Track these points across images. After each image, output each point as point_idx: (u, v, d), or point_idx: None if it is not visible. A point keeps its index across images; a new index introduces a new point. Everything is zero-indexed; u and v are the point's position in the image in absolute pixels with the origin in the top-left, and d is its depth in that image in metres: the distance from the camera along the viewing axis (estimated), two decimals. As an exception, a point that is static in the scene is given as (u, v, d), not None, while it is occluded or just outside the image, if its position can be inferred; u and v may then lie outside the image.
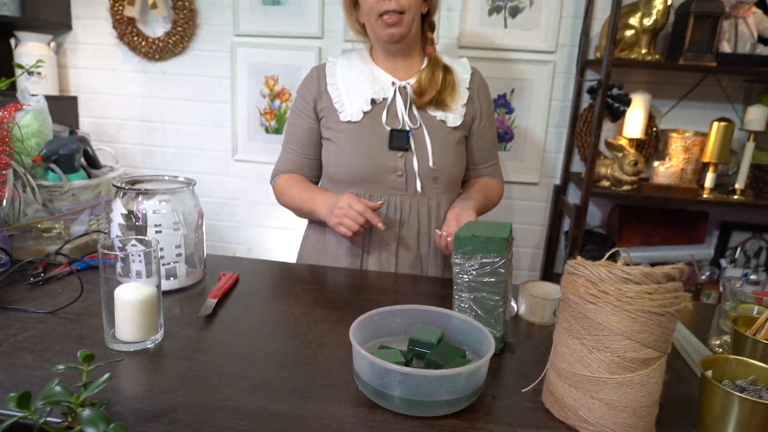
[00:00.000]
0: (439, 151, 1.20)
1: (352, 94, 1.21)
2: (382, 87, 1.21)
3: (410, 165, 1.19)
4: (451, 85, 1.22)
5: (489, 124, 1.30)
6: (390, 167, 1.19)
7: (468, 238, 0.80)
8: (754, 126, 1.81)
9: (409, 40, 1.20)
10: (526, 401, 0.71)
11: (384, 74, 1.23)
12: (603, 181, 1.90)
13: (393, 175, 1.19)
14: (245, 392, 0.68)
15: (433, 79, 1.20)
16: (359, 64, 1.25)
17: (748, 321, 0.80)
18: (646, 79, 2.01)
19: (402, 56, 1.23)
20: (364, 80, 1.22)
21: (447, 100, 1.21)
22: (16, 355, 0.73)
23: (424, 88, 1.19)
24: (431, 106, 1.21)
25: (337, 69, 1.26)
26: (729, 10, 1.80)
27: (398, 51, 1.22)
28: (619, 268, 0.62)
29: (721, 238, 2.10)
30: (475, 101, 1.26)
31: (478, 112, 1.27)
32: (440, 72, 1.21)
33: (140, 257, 0.82)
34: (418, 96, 1.20)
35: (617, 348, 0.61)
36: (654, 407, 0.64)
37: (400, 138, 1.18)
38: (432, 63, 1.23)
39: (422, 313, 0.81)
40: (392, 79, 1.22)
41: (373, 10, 1.14)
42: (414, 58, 1.25)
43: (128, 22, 2.11)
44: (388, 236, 1.21)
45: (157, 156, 2.29)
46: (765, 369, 0.66)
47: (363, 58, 1.27)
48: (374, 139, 1.19)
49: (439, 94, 1.20)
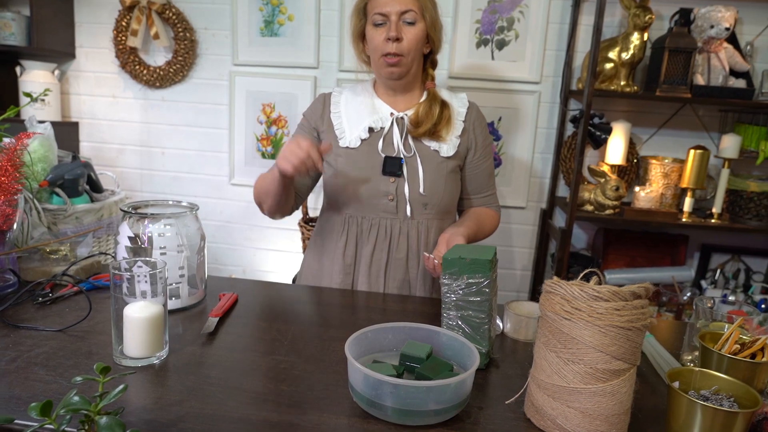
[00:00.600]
0: (430, 179, 1.26)
1: (353, 123, 1.29)
2: (381, 117, 1.29)
3: (401, 190, 1.26)
4: (447, 118, 1.29)
5: (485, 156, 1.36)
6: (382, 191, 1.25)
7: (455, 260, 0.86)
8: (729, 153, 1.90)
9: (409, 78, 1.28)
10: (510, 412, 0.76)
11: (384, 105, 1.30)
12: (587, 205, 1.98)
13: (385, 199, 1.26)
14: (248, 404, 0.73)
15: (430, 112, 1.27)
16: (362, 96, 1.33)
17: (715, 337, 0.86)
18: (627, 108, 2.11)
19: (402, 91, 1.31)
20: (364, 110, 1.30)
21: (441, 132, 1.27)
22: (30, 369, 0.78)
23: (421, 119, 1.26)
24: (426, 137, 1.28)
25: (342, 98, 1.33)
26: (702, 46, 1.91)
27: (398, 86, 1.30)
28: (590, 287, 0.68)
29: (702, 260, 2.18)
30: (470, 133, 1.33)
31: (473, 144, 1.33)
32: (437, 106, 1.28)
33: (146, 278, 0.87)
34: (414, 127, 1.27)
35: (590, 360, 0.67)
36: (626, 415, 0.70)
37: (393, 164, 1.25)
38: (430, 97, 1.30)
39: (412, 330, 0.86)
40: (391, 110, 1.29)
41: (377, 49, 1.23)
42: (414, 92, 1.32)
43: (130, 51, 2.19)
44: (379, 257, 1.27)
45: (155, 180, 2.35)
46: (726, 380, 0.72)
47: (366, 90, 1.34)
48: (369, 164, 1.26)
49: (434, 126, 1.26)
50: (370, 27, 1.25)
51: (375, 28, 1.24)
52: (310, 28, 2.13)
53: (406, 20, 1.22)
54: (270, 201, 1.25)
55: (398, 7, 1.20)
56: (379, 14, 1.22)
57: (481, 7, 2.07)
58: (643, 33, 1.88)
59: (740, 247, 2.17)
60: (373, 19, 1.23)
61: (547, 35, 2.07)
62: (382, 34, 1.22)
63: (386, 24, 1.22)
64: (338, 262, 1.29)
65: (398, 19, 1.21)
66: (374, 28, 1.24)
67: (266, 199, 1.25)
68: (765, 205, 1.90)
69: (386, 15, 1.21)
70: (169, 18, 2.14)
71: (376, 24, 1.23)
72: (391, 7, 1.20)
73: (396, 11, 1.20)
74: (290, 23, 2.14)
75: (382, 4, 1.21)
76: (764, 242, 2.18)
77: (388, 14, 1.21)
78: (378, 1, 1.22)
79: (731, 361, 0.78)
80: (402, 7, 1.20)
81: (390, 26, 1.21)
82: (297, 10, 2.12)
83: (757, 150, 1.92)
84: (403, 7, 1.21)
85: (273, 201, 1.24)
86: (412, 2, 1.21)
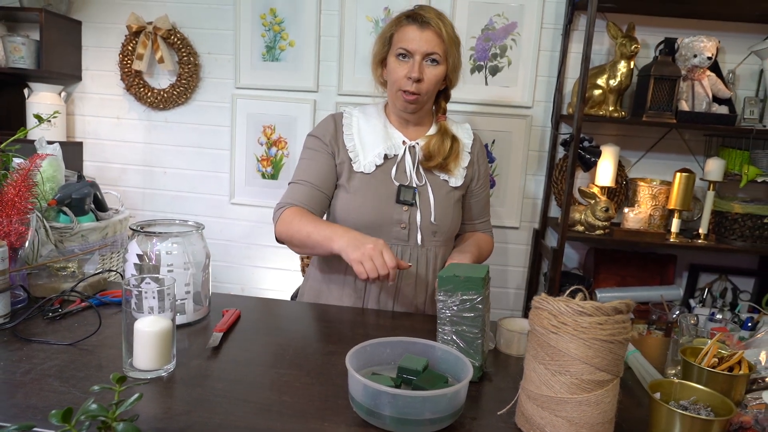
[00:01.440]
0: (440, 208, 1.29)
1: (367, 147, 1.30)
2: (394, 144, 1.31)
3: (414, 219, 1.28)
4: (456, 153, 1.33)
5: (484, 185, 1.42)
6: (395, 219, 1.28)
7: (450, 278, 0.91)
8: (713, 176, 1.97)
9: (423, 112, 1.32)
10: (501, 422, 0.80)
11: (396, 132, 1.33)
12: (578, 225, 2.04)
13: (397, 227, 1.28)
14: (253, 414, 0.77)
15: (442, 146, 1.30)
16: (374, 119, 1.34)
17: (695, 351, 0.91)
18: (615, 132, 2.19)
19: (414, 121, 1.34)
20: (377, 135, 1.32)
21: (450, 166, 1.32)
22: (44, 381, 0.81)
23: (433, 153, 1.30)
24: (436, 169, 1.32)
25: (353, 121, 1.34)
26: (686, 73, 1.99)
27: (411, 117, 1.33)
28: (575, 303, 0.73)
29: (690, 280, 2.23)
30: (475, 164, 1.39)
31: (477, 174, 1.39)
32: (448, 141, 1.32)
33: (154, 294, 0.91)
34: (426, 159, 1.30)
35: (575, 371, 0.72)
36: (610, 424, 0.74)
37: (407, 193, 1.28)
38: (441, 131, 1.33)
39: (410, 344, 0.91)
40: (403, 138, 1.32)
41: (397, 83, 1.26)
42: (424, 122, 1.36)
43: (135, 74, 2.26)
44: (389, 284, 1.28)
45: (157, 199, 2.39)
46: (704, 391, 0.77)
47: (378, 114, 1.36)
48: (383, 191, 1.28)
49: (444, 160, 1.30)
50: (392, 57, 1.26)
51: (398, 61, 1.25)
52: (311, 53, 2.20)
53: (430, 60, 1.24)
54: (302, 249, 1.25)
55: (425, 47, 1.22)
56: (404, 49, 1.23)
57: (475, 35, 2.15)
58: (630, 61, 1.96)
59: (727, 266, 2.23)
60: (398, 51, 1.25)
61: (539, 62, 2.16)
62: (404, 69, 1.24)
63: (409, 59, 1.23)
64: (349, 287, 1.31)
65: (422, 59, 1.23)
66: (397, 60, 1.25)
67: (297, 242, 1.23)
68: (749, 226, 1.97)
69: (411, 52, 1.23)
70: (174, 43, 2.21)
71: (400, 56, 1.25)
72: (418, 46, 1.22)
73: (422, 51, 1.22)
74: (291, 48, 2.22)
75: (409, 40, 1.23)
76: (750, 262, 2.24)
77: (414, 52, 1.23)
78: (406, 36, 1.24)
79: (710, 374, 0.83)
80: (428, 49, 1.22)
81: (413, 65, 1.22)
82: (298, 36, 2.20)
83: (740, 173, 1.99)
84: (429, 48, 1.22)
85: (305, 251, 1.26)
86: (438, 45, 1.23)
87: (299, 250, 1.28)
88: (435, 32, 1.23)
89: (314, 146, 1.33)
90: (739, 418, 0.78)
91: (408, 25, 1.25)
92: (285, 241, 1.28)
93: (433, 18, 1.23)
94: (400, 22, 1.27)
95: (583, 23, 2.08)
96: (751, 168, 1.98)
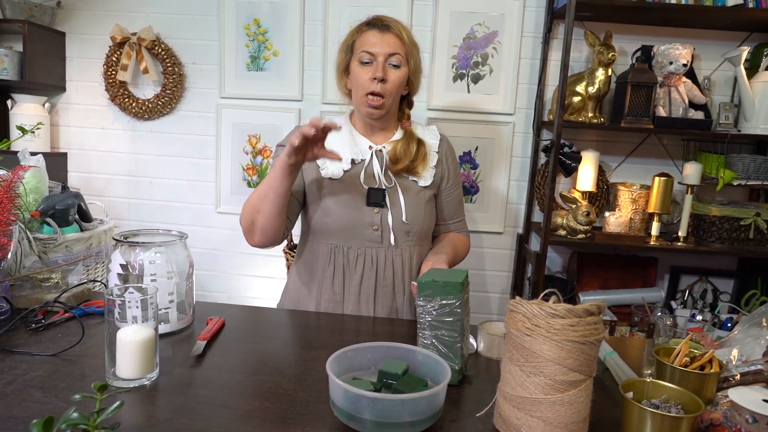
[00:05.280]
0: (411, 208, 1.32)
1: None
2: (360, 149, 1.34)
3: (385, 220, 1.31)
4: (423, 156, 1.36)
5: (455, 185, 1.45)
6: (367, 222, 1.31)
7: (429, 283, 0.93)
8: (691, 180, 2.02)
9: (387, 117, 1.35)
10: (480, 424, 0.82)
11: (362, 138, 1.36)
12: (560, 230, 2.07)
13: (369, 229, 1.31)
14: (235, 420, 0.78)
15: (408, 150, 1.34)
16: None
17: (669, 351, 0.94)
18: (595, 138, 2.23)
19: (379, 126, 1.37)
20: (343, 142, 1.35)
21: (418, 169, 1.35)
22: (26, 392, 0.82)
23: (399, 156, 1.33)
24: (403, 172, 1.34)
25: None
26: (662, 80, 2.04)
27: (376, 122, 1.36)
28: (548, 305, 0.75)
29: (671, 282, 2.27)
30: (443, 163, 1.41)
31: (446, 173, 1.42)
32: (414, 144, 1.35)
33: (137, 303, 0.92)
34: (393, 163, 1.33)
35: (549, 372, 0.74)
36: (584, 423, 0.76)
37: (377, 196, 1.31)
38: (407, 136, 1.37)
39: (390, 349, 0.92)
40: (369, 143, 1.36)
41: (362, 87, 1.29)
42: (390, 128, 1.39)
43: (120, 85, 2.26)
44: (367, 285, 1.31)
45: (143, 209, 2.39)
46: (675, 389, 0.79)
47: (344, 121, 1.39)
48: (353, 195, 1.31)
49: (411, 163, 1.33)
50: (355, 64, 1.30)
51: (361, 66, 1.29)
52: (295, 62, 2.22)
53: (392, 63, 1.28)
54: (266, 211, 1.20)
55: (387, 49, 1.27)
56: (367, 53, 1.27)
57: (457, 44, 2.19)
58: (608, 69, 2.01)
59: (707, 268, 2.27)
60: (360, 56, 1.28)
61: (520, 70, 2.20)
62: (368, 73, 1.27)
63: (372, 63, 1.27)
64: (327, 291, 1.33)
65: (385, 61, 1.27)
66: (360, 66, 1.29)
67: (261, 209, 1.21)
68: (726, 228, 2.01)
69: (374, 55, 1.27)
70: (159, 53, 2.22)
71: (363, 62, 1.28)
72: (380, 48, 1.27)
73: (384, 53, 1.27)
74: (275, 58, 2.24)
75: (371, 44, 1.27)
76: (729, 263, 2.29)
77: (376, 54, 1.27)
78: (367, 41, 1.28)
79: (682, 373, 0.86)
80: (390, 50, 1.27)
81: (377, 66, 1.26)
82: (282, 46, 2.22)
83: (717, 176, 2.04)
84: (390, 49, 1.27)
85: (268, 211, 1.20)
86: (399, 47, 1.28)
87: (268, 213, 1.21)
88: (395, 35, 1.29)
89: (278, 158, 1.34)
90: (709, 416, 0.80)
91: (369, 30, 1.30)
92: (254, 224, 1.24)
93: (393, 22, 1.30)
94: (361, 29, 1.32)
95: (562, 32, 2.13)
96: (727, 171, 2.03)
